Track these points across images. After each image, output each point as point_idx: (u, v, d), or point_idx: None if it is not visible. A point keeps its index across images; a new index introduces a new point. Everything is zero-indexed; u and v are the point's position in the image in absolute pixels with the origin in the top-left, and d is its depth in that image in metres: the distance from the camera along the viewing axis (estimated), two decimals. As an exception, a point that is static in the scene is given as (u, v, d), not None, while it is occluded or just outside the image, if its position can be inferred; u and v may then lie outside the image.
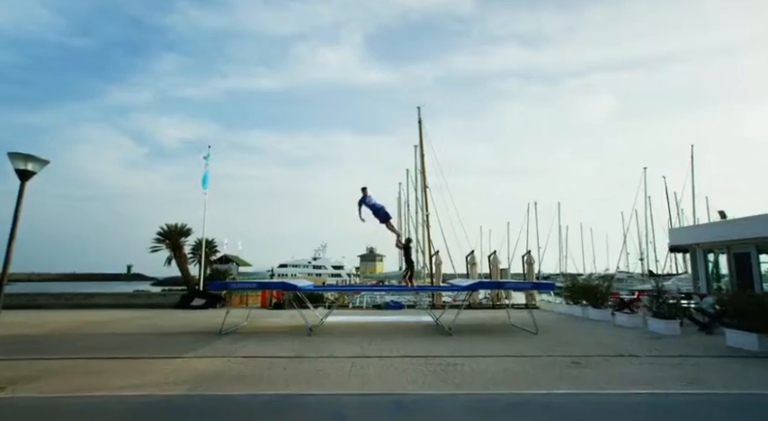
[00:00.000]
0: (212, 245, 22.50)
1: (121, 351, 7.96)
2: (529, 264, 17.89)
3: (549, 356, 7.47)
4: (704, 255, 16.56)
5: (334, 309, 14.78)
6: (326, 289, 12.61)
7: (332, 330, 10.91)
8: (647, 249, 51.88)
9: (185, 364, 6.82)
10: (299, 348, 8.27)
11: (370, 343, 8.92)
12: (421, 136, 30.64)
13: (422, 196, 30.72)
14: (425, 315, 13.85)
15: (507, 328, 11.32)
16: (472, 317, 14.03)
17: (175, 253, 19.07)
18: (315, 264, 79.35)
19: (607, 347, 8.38)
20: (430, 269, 27.23)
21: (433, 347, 8.34)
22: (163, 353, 7.73)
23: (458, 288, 10.64)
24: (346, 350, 8.10)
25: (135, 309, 17.34)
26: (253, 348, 8.27)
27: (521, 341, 9.17)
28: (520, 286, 10.34)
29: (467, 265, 19.20)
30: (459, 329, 10.39)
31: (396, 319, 13.68)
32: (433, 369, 6.46)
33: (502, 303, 18.29)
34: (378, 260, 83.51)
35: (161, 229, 19.00)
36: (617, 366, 6.73)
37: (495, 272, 17.93)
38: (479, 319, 13.25)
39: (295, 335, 10.03)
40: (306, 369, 6.50)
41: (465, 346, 8.45)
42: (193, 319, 13.35)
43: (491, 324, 12.52)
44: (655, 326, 10.46)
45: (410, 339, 9.47)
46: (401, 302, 17.84)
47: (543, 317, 14.13)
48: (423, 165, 30.34)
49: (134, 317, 14.27)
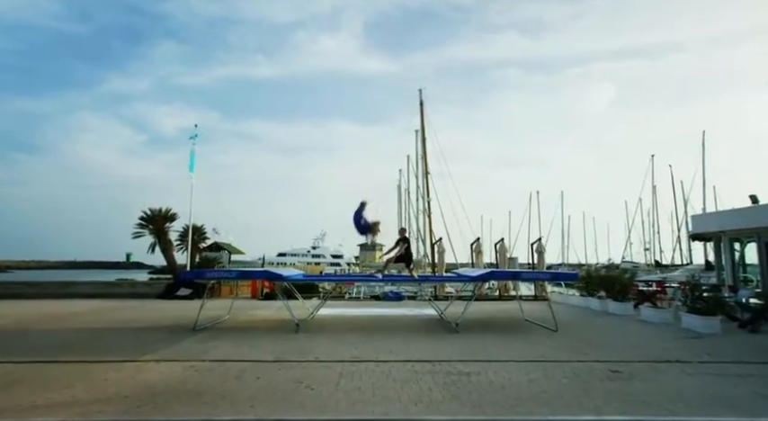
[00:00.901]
0: (201, 231, 21.22)
1: (68, 352, 6.68)
2: (539, 252, 16.60)
3: (579, 362, 6.19)
4: (730, 243, 15.28)
5: (329, 301, 13.54)
6: (315, 279, 11.31)
7: (323, 325, 9.65)
8: (652, 239, 50.69)
9: (136, 371, 5.54)
10: (280, 349, 7.00)
11: (365, 342, 7.66)
12: (422, 119, 29.16)
13: (423, 182, 29.41)
14: (428, 307, 12.58)
15: (521, 324, 10.06)
16: (478, 309, 12.77)
17: (159, 239, 17.75)
18: (314, 253, 78.24)
19: (644, 350, 7.10)
20: (432, 258, 25.99)
21: (439, 348, 7.07)
22: (116, 354, 6.46)
23: (467, 278, 9.35)
24: (337, 351, 6.83)
25: (115, 300, 16.10)
26: (226, 349, 6.99)
27: (541, 340, 7.90)
28: (540, 277, 9.00)
29: (471, 254, 17.93)
30: (467, 325, 9.12)
31: (395, 312, 12.43)
32: (441, 379, 5.18)
33: (509, 294, 17.07)
34: (377, 249, 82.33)
35: (143, 214, 17.65)
36: (669, 377, 5.45)
37: (503, 261, 16.65)
38: (487, 313, 12.00)
39: (280, 331, 8.77)
40: (283, 379, 5.22)
41: (476, 347, 7.18)
42: (173, 311, 12.10)
43: (501, 318, 11.26)
44: (690, 323, 9.19)
45: (412, 337, 8.20)
46: (401, 293, 16.60)
47: (557, 310, 12.79)
48: (424, 149, 28.93)
49: (108, 308, 13.02)
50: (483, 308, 12.96)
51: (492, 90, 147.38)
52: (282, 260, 71.31)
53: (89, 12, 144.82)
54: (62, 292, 17.43)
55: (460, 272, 11.21)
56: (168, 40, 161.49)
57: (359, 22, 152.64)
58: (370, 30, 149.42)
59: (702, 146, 41.89)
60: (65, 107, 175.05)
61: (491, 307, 13.65)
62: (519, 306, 11.85)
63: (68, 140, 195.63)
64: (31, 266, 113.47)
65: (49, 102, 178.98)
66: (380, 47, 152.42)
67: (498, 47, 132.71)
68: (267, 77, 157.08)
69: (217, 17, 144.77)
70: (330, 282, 13.05)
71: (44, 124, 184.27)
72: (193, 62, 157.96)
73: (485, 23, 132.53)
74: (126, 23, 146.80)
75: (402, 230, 10.64)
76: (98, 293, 17.42)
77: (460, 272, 11.21)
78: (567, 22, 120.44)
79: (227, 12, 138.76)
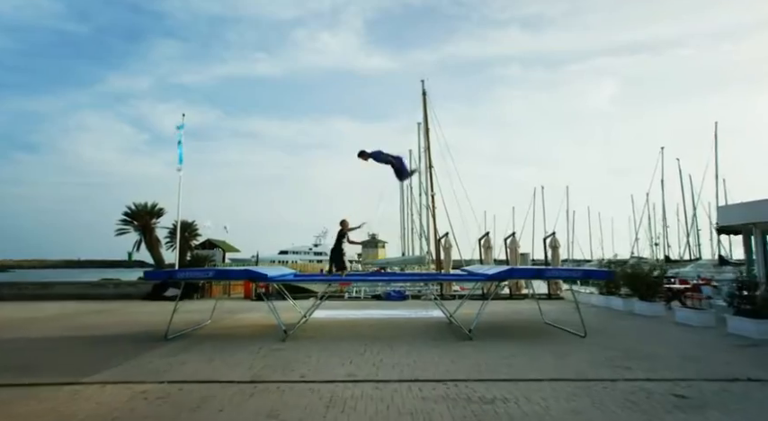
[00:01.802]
0: (192, 228, 20.05)
1: (2, 371, 5.50)
2: (553, 247, 15.35)
3: (628, 381, 4.96)
4: (763, 236, 14.01)
5: (326, 301, 12.36)
6: (303, 279, 10.03)
7: (316, 331, 8.46)
8: (662, 234, 49.28)
9: (67, 401, 4.34)
10: (260, 364, 5.81)
11: (362, 353, 6.46)
12: (425, 109, 27.88)
13: (426, 176, 28.14)
14: (434, 308, 11.38)
15: (542, 329, 8.85)
16: (490, 310, 11.52)
17: (145, 236, 16.57)
18: (316, 251, 77.14)
19: (702, 363, 5.87)
20: (437, 255, 24.81)
21: (452, 362, 5.86)
22: (56, 375, 5.27)
23: (482, 277, 8.12)
24: (328, 367, 5.63)
25: (96, 301, 14.99)
26: (194, 365, 5.80)
27: (571, 350, 6.67)
28: (566, 275, 7.75)
29: (480, 249, 16.68)
30: (481, 329, 7.89)
31: (398, 315, 11.22)
32: (460, 411, 3.96)
33: (521, 293, 15.84)
34: (380, 246, 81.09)
35: (127, 209, 16.46)
36: (753, 404, 4.22)
37: (514, 257, 15.41)
38: (500, 315, 10.79)
39: (265, 339, 7.57)
40: (253, 410, 4.02)
41: (497, 360, 5.96)
42: (152, 315, 10.93)
43: (518, 321, 10.04)
44: (739, 327, 7.95)
45: (418, 347, 6.99)
46: (404, 292, 15.39)
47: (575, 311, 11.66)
48: (427, 141, 27.66)
49: (82, 311, 11.89)
50: (494, 309, 11.73)
51: (493, 86, 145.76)
52: (284, 258, 70.41)
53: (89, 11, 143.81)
54: (41, 294, 16.33)
55: (472, 269, 9.98)
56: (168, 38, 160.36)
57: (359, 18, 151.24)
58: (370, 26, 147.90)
59: (715, 137, 40.37)
60: (65, 106, 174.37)
61: (503, 307, 12.43)
62: (537, 306, 10.64)
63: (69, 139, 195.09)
64: (31, 265, 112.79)
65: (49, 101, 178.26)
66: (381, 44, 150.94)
67: (500, 43, 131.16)
68: (268, 75, 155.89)
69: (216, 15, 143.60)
70: (318, 283, 11.74)
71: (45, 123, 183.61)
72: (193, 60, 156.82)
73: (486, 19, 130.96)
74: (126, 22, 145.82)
75: (342, 222, 9.12)
76: (80, 294, 16.28)
77: (472, 269, 9.98)
78: (568, 18, 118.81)
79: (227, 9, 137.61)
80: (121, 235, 16.51)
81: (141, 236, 16.63)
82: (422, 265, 27.30)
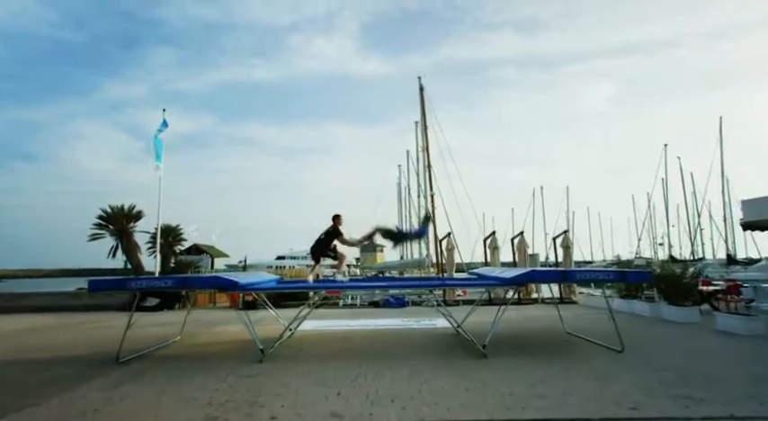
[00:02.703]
0: (177, 232, 18.75)
1: None
2: (565, 247, 14.11)
3: (707, 420, 3.71)
4: (795, 232, 12.82)
5: (318, 310, 11.08)
6: (287, 287, 8.64)
7: (301, 348, 7.19)
8: (666, 233, 48.12)
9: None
10: (222, 398, 4.53)
11: (354, 379, 5.20)
12: (423, 106, 26.71)
13: (425, 175, 26.93)
14: (437, 316, 10.11)
15: (566, 341, 7.59)
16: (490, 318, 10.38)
17: (122, 241, 15.26)
18: (313, 256, 76.01)
19: (784, 388, 4.63)
20: (437, 256, 23.55)
21: (467, 393, 4.59)
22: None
23: (499, 281, 6.82)
24: (308, 402, 4.37)
25: (68, 313, 13.74)
26: (136, 402, 4.52)
27: (612, 371, 5.41)
28: (602, 277, 6.45)
29: (485, 251, 15.45)
30: (495, 341, 6.63)
31: (398, 325, 9.95)
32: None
33: (530, 297, 14.61)
34: (378, 251, 79.85)
35: (102, 212, 15.12)
36: None
37: (523, 258, 14.17)
38: (513, 323, 9.53)
39: (237, 360, 6.30)
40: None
41: (523, 388, 4.70)
42: (120, 330, 9.60)
43: (534, 331, 8.79)
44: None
45: (422, 369, 5.72)
46: (404, 299, 14.13)
47: (596, 318, 10.43)
48: (426, 140, 26.48)
49: (45, 326, 10.61)
50: (504, 315, 10.48)
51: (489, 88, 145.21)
52: (282, 263, 69.36)
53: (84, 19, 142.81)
54: (10, 306, 14.96)
55: (482, 272, 8.71)
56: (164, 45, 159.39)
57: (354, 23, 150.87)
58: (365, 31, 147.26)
59: (720, 134, 39.31)
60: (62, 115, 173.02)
61: (514, 314, 11.17)
62: (551, 312, 9.43)
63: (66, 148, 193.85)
64: (27, 275, 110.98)
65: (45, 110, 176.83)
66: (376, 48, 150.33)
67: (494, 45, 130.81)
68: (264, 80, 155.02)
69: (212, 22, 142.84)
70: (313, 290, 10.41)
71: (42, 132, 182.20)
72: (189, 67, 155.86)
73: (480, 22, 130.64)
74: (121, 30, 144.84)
75: (335, 218, 7.95)
76: (53, 306, 14.95)
77: (482, 272, 8.71)
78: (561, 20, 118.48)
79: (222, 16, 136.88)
80: (95, 240, 15.18)
81: (117, 241, 15.29)
82: (421, 269, 26.06)
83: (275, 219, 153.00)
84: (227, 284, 6.02)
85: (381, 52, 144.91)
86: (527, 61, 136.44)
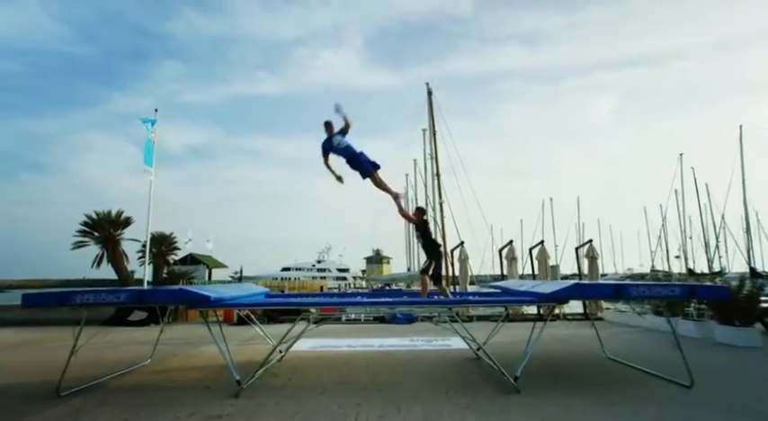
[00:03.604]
0: (170, 241, 17.64)
1: None
2: (591, 258, 12.76)
3: None
4: None
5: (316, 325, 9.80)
6: (273, 303, 7.22)
7: (290, 377, 5.94)
8: (683, 245, 46.18)
9: None
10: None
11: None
12: (432, 110, 25.67)
13: (432, 183, 25.73)
14: (451, 335, 8.76)
15: (611, 370, 6.26)
16: (521, 338, 9.05)
17: (108, 249, 14.14)
18: (319, 267, 75.02)
19: None
20: (446, 269, 22.18)
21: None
22: None
23: (533, 297, 5.53)
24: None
25: (48, 327, 12.53)
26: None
27: (690, 419, 4.10)
28: (665, 293, 5.07)
29: (500, 261, 14.14)
30: (526, 371, 5.33)
31: (406, 345, 8.66)
32: None
33: (552, 312, 13.21)
34: (384, 262, 78.46)
35: (87, 218, 14.03)
36: None
37: (544, 270, 12.84)
38: (541, 345, 8.18)
39: (208, 394, 5.06)
40: None
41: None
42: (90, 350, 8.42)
43: (570, 356, 7.46)
44: None
45: (439, 408, 4.44)
46: (412, 314, 12.79)
47: (633, 339, 9.10)
48: (435, 145, 25.37)
49: (9, 344, 9.44)
50: (524, 335, 9.15)
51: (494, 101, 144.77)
52: (287, 275, 68.59)
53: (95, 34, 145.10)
54: (-15, 319, 13.88)
55: (507, 286, 7.41)
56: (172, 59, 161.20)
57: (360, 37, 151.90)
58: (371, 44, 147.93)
59: (740, 142, 37.85)
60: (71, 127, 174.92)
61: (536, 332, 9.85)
62: (581, 331, 8.11)
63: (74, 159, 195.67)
64: (32, 285, 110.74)
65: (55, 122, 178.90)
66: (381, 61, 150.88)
67: (499, 58, 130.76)
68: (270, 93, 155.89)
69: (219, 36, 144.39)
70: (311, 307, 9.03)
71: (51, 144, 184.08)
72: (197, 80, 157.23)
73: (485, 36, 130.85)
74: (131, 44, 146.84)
75: (422, 211, 6.95)
76: (34, 319, 13.83)
77: (507, 286, 7.41)
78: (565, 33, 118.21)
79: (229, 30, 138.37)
80: (78, 248, 14.08)
81: (103, 249, 14.17)
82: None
83: (281, 231, 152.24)
84: (195, 299, 4.80)
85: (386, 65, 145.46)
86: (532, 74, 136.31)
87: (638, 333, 10.12)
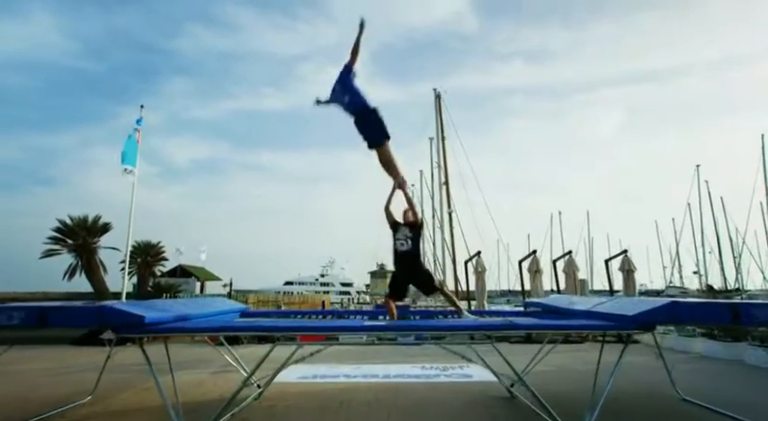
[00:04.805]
0: (157, 250, 16.23)
1: None
2: (627, 271, 11.14)
3: None
4: None
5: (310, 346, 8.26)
6: (232, 327, 5.32)
7: None
8: (702, 261, 44.06)
9: None
10: None
11: None
12: (440, 115, 24.40)
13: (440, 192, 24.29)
14: (469, 357, 7.14)
15: (691, 416, 4.69)
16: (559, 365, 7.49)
17: (82, 259, 12.69)
18: (322, 282, 73.62)
19: None
20: (455, 282, 20.61)
21: None
22: None
23: (604, 322, 3.90)
24: None
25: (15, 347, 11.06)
26: None
27: None
28: None
29: (521, 274, 12.57)
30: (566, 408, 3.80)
31: (416, 376, 7.12)
32: None
33: (580, 334, 11.57)
34: (389, 276, 76.67)
35: (60, 224, 12.61)
36: None
37: (573, 283, 11.24)
38: (580, 376, 6.63)
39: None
40: None
41: None
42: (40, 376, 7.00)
43: (630, 394, 5.84)
44: None
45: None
46: (422, 334, 11.19)
47: (689, 368, 7.50)
48: (443, 151, 24.01)
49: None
50: (556, 360, 7.57)
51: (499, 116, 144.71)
52: (290, 289, 67.27)
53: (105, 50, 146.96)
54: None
55: (554, 303, 5.83)
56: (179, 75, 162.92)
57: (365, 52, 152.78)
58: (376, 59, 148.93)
59: (763, 153, 36.25)
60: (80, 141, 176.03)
61: (567, 358, 8.30)
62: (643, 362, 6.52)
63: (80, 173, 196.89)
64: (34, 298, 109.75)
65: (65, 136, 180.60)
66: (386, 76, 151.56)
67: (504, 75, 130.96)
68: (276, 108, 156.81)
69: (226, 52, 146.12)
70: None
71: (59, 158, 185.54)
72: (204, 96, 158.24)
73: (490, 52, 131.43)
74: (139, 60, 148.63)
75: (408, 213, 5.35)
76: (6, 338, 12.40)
77: (554, 303, 5.83)
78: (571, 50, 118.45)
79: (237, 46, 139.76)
80: (48, 257, 12.65)
81: (77, 258, 12.73)
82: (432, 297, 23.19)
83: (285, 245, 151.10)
84: (120, 321, 3.32)
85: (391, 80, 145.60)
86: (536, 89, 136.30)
87: (693, 361, 8.50)
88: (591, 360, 8.38)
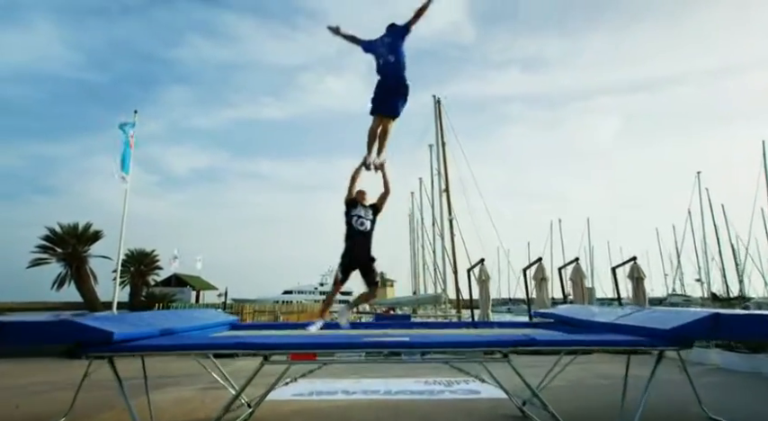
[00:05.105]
0: (151, 259, 15.77)
1: None
2: (637, 279, 10.71)
3: None
4: None
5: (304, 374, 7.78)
6: (213, 344, 4.80)
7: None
8: (704, 268, 43.52)
9: None
10: None
11: None
12: (440, 120, 24.10)
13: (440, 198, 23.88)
14: (476, 373, 6.69)
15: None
16: (575, 379, 7.02)
17: (72, 268, 12.25)
18: (321, 290, 73.11)
19: None
20: (456, 292, 20.15)
21: None
22: None
23: (642, 336, 3.47)
24: None
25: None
26: None
27: None
28: None
29: (525, 282, 12.13)
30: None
31: (420, 392, 6.66)
32: None
33: (589, 345, 11.12)
34: (388, 285, 76.01)
35: (49, 232, 12.16)
36: None
37: (580, 292, 10.81)
38: (593, 392, 6.20)
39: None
40: None
41: None
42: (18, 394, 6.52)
43: (650, 411, 5.40)
44: None
45: None
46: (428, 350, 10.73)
47: (709, 382, 7.06)
48: (444, 156, 23.67)
49: None
50: (565, 374, 7.11)
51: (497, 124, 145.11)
52: (289, 298, 66.81)
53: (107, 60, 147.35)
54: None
55: (568, 313, 5.42)
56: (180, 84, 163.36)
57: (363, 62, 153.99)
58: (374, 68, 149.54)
59: (763, 158, 36.01)
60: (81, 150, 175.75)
61: (576, 371, 7.81)
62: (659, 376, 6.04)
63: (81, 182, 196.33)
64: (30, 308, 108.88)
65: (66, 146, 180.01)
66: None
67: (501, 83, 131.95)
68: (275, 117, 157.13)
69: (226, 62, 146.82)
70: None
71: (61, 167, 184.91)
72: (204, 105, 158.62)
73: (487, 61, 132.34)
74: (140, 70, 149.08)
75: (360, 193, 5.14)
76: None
77: (568, 313, 5.42)
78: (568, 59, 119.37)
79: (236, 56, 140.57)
80: (36, 266, 12.19)
81: (67, 268, 12.29)
82: (437, 305, 22.68)
83: (283, 254, 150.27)
84: (85, 337, 2.91)
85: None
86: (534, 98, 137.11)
87: (711, 374, 8.05)
88: (603, 373, 7.99)
